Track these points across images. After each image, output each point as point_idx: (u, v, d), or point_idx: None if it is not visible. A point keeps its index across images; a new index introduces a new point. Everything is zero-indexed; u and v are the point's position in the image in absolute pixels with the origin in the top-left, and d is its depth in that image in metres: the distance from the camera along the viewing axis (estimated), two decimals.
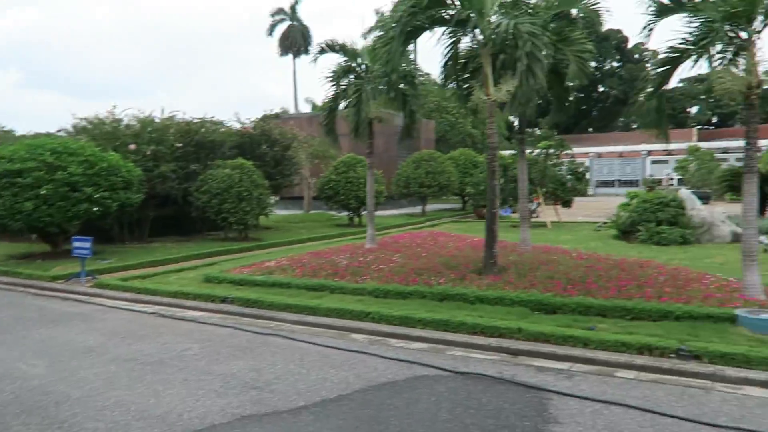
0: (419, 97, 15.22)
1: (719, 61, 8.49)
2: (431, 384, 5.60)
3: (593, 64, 62.02)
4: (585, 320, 7.15)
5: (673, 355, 5.98)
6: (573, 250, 11.84)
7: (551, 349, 6.36)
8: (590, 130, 63.95)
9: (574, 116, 63.18)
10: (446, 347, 6.80)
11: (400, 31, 10.45)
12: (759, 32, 7.91)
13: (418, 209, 27.90)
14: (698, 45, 8.48)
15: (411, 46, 12.66)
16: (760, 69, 8.02)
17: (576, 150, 41.48)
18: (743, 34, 8.08)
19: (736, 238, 13.27)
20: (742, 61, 8.18)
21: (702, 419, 4.66)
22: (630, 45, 62.45)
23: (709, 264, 10.70)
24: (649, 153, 42.11)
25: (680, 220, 14.07)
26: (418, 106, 15.18)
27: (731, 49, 8.31)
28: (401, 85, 14.33)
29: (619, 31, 61.30)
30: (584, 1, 12.20)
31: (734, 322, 6.71)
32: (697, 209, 14.34)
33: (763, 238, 12.81)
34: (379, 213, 23.84)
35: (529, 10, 11.12)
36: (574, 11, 12.13)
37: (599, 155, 44.78)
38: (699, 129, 54.59)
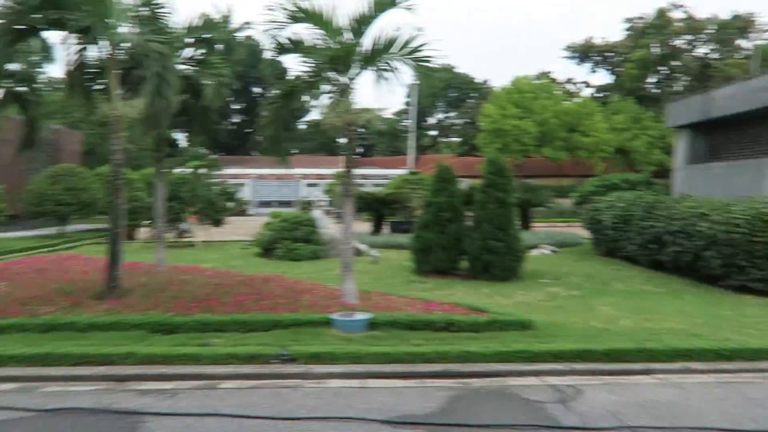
0: (42, 104, 13.44)
1: (330, 99, 9.88)
2: (7, 430, 4.92)
3: (259, 90, 65.25)
4: (204, 337, 7.30)
5: (275, 361, 6.58)
6: (211, 268, 12.07)
7: (160, 370, 6.29)
8: (253, 153, 66.61)
9: (239, 138, 65.06)
10: (42, 384, 6.07)
11: (7, 30, 9.24)
12: (353, 79, 9.44)
13: (56, 230, 24.48)
14: (308, 84, 9.73)
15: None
16: (356, 109, 9.58)
17: (238, 171, 42.70)
18: (343, 79, 9.52)
19: (358, 253, 15.51)
20: (346, 100, 9.66)
21: (283, 415, 5.22)
22: (291, 75, 67.54)
23: (329, 275, 12.22)
24: (304, 176, 46.01)
25: (313, 238, 15.76)
26: (41, 114, 13.42)
27: (337, 90, 9.74)
28: (18, 88, 12.48)
29: (280, 62, 65.73)
30: (224, 29, 12.79)
31: (330, 325, 7.79)
32: (326, 228, 16.28)
33: (373, 251, 15.32)
34: None
35: (166, 29, 10.99)
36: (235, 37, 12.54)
37: (260, 177, 46.87)
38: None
